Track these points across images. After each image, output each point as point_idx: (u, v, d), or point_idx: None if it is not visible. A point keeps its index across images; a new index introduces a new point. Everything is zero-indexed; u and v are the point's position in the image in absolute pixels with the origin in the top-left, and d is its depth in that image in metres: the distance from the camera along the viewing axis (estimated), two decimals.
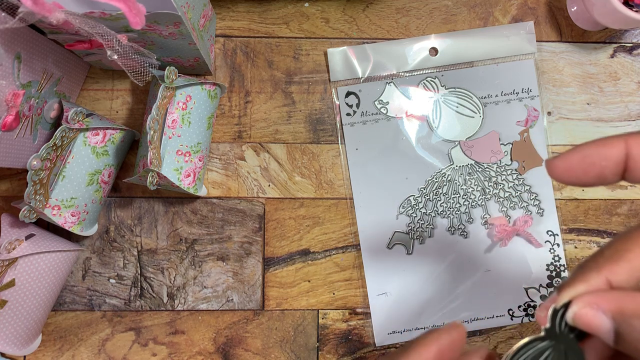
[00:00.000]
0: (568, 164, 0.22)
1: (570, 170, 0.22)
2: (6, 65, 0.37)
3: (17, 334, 0.44)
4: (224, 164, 0.51)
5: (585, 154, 0.21)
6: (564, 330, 0.21)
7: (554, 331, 0.21)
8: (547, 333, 0.21)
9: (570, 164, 0.21)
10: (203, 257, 0.50)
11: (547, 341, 0.21)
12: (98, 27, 0.35)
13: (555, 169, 0.22)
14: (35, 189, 0.40)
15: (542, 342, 0.21)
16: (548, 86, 0.52)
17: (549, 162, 0.22)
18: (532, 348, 0.21)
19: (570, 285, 0.20)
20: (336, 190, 0.51)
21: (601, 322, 0.19)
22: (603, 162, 0.21)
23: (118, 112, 0.51)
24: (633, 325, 0.18)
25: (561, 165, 0.22)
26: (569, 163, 0.21)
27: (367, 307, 0.50)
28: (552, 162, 0.22)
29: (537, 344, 0.21)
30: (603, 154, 0.21)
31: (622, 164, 0.21)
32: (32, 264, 0.43)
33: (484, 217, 0.50)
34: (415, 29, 0.52)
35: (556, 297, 0.21)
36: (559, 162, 0.22)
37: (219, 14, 0.51)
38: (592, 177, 0.21)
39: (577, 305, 0.20)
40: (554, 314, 0.21)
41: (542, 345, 0.21)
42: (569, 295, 0.20)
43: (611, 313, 0.19)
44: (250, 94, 0.51)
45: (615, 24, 0.47)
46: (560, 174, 0.22)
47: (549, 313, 0.21)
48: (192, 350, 0.49)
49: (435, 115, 0.51)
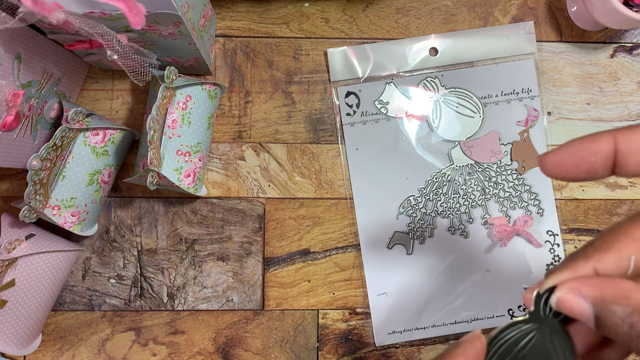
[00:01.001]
0: (559, 160, 0.22)
1: (560, 166, 0.22)
2: (6, 65, 0.37)
3: (17, 334, 0.44)
4: (224, 164, 0.51)
5: (575, 149, 0.22)
6: (549, 314, 0.21)
7: (539, 315, 0.21)
8: (532, 316, 0.21)
9: (560, 159, 0.22)
10: (203, 257, 0.50)
11: (531, 324, 0.21)
12: (98, 27, 0.35)
13: (547, 164, 0.22)
14: (35, 189, 0.40)
15: (527, 324, 0.21)
16: (548, 86, 0.52)
17: (541, 158, 0.23)
18: (516, 330, 0.21)
19: (556, 272, 0.21)
20: (336, 190, 0.51)
21: (582, 307, 0.20)
22: (592, 157, 0.22)
23: (118, 112, 0.51)
24: (612, 310, 0.19)
25: (552, 161, 0.22)
26: (560, 158, 0.22)
27: (367, 307, 0.50)
28: (543, 157, 0.23)
29: (521, 326, 0.21)
30: (592, 149, 0.22)
31: (611, 159, 0.22)
32: (32, 264, 0.43)
33: (484, 217, 0.50)
34: (415, 29, 0.52)
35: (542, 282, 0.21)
36: (550, 157, 0.22)
37: (219, 14, 0.51)
38: (582, 171, 0.22)
39: (560, 291, 0.20)
40: (538, 298, 0.21)
41: (526, 328, 0.21)
42: (554, 281, 0.21)
43: (591, 299, 0.20)
44: (250, 94, 0.51)
45: (615, 24, 0.47)
46: (551, 169, 0.22)
47: (533, 297, 0.21)
48: (192, 350, 0.49)
49: (435, 115, 0.51)
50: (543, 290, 0.21)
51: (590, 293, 0.20)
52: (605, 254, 0.20)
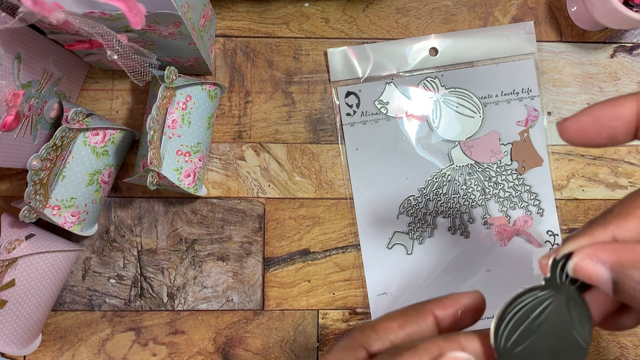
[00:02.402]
0: (579, 125, 0.22)
1: (581, 132, 0.22)
2: (6, 65, 0.37)
3: (17, 334, 0.44)
4: (224, 164, 0.51)
5: (597, 114, 0.21)
6: (566, 281, 0.21)
7: (555, 281, 0.21)
8: (548, 283, 0.21)
9: (581, 125, 0.21)
10: (203, 257, 0.50)
11: (547, 291, 0.21)
12: (98, 27, 0.35)
13: (567, 130, 0.22)
14: (35, 189, 0.40)
15: (542, 291, 0.21)
16: (548, 86, 0.52)
17: (560, 124, 0.22)
18: (532, 297, 0.21)
19: (574, 239, 0.21)
20: (336, 190, 0.51)
21: (600, 273, 0.19)
22: (613, 122, 0.21)
23: (118, 112, 0.51)
24: (630, 275, 0.19)
25: (572, 127, 0.22)
26: (580, 124, 0.21)
27: (367, 307, 0.50)
28: (563, 124, 0.22)
29: (537, 293, 0.21)
30: (614, 114, 0.21)
31: (634, 123, 0.21)
32: (32, 264, 0.43)
33: (484, 217, 0.50)
34: (415, 29, 0.52)
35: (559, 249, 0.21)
36: (570, 123, 0.22)
37: (219, 14, 0.51)
38: (604, 137, 0.21)
39: (577, 257, 0.20)
40: (554, 264, 0.21)
41: (542, 295, 0.21)
42: (571, 248, 0.21)
43: (609, 264, 0.19)
44: (250, 94, 0.51)
45: (615, 24, 0.47)
46: (571, 135, 0.22)
47: (549, 263, 0.21)
48: (192, 350, 0.49)
49: (435, 115, 0.51)
50: (560, 257, 0.21)
51: (607, 258, 0.19)
52: (625, 221, 0.20)
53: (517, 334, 0.20)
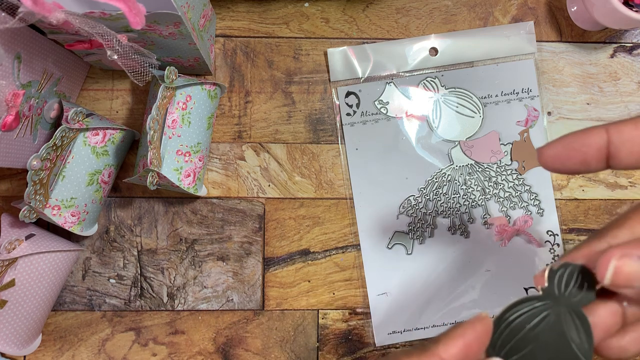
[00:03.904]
0: (554, 152, 0.23)
1: (555, 157, 0.23)
2: (6, 65, 0.37)
3: (17, 334, 0.44)
4: (224, 164, 0.51)
5: (569, 141, 0.23)
6: (565, 292, 0.20)
7: (553, 292, 0.20)
8: (545, 293, 0.20)
9: (556, 151, 0.23)
10: (203, 257, 0.50)
11: (544, 302, 0.20)
12: (98, 27, 0.35)
13: (542, 156, 0.23)
14: (35, 189, 0.40)
15: (539, 302, 0.20)
16: (548, 86, 0.52)
17: (539, 150, 0.23)
18: (528, 307, 0.20)
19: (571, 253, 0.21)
20: (336, 190, 0.51)
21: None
22: (584, 148, 0.22)
23: (118, 112, 0.51)
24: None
25: (547, 153, 0.23)
26: (555, 150, 0.23)
27: (367, 307, 0.50)
28: (540, 150, 0.23)
29: (534, 303, 0.20)
30: (585, 140, 0.22)
31: (604, 150, 0.22)
32: (32, 264, 0.43)
33: (484, 217, 0.50)
34: (415, 29, 0.52)
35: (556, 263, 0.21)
36: (546, 149, 0.23)
37: (219, 14, 0.51)
38: (575, 163, 0.23)
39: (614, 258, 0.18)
40: (552, 274, 0.20)
41: (539, 305, 0.20)
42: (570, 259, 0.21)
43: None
44: (250, 94, 0.51)
45: (615, 24, 0.47)
46: (546, 161, 0.23)
47: (546, 273, 0.20)
48: (192, 350, 0.49)
49: (435, 115, 0.51)
50: (558, 266, 0.20)
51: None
52: (619, 230, 0.21)
53: (512, 344, 0.20)
